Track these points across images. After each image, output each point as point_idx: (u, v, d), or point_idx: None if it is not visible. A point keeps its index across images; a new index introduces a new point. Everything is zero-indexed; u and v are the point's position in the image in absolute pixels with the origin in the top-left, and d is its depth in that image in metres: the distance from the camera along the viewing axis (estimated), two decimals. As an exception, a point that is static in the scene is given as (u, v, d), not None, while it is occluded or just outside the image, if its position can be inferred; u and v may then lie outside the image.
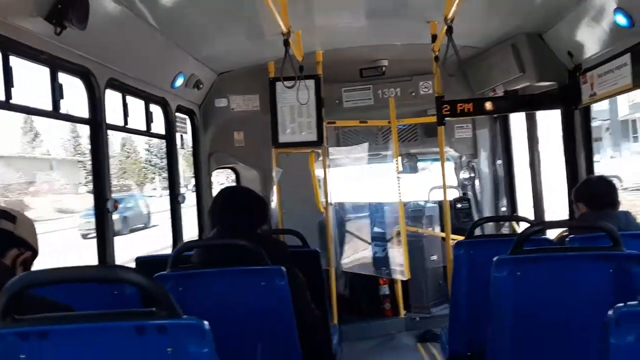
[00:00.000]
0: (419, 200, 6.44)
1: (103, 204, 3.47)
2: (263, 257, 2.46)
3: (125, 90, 3.83)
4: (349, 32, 4.62)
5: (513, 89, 4.73)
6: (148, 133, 4.24)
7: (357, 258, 5.95)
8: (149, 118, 4.17)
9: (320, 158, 5.30)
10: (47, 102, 3.10)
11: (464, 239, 3.36)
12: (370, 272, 5.82)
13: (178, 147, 4.67)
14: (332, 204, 5.40)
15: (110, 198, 3.49)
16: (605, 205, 3.32)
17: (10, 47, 2.64)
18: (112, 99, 3.69)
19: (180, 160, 5.38)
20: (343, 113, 5.60)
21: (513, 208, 5.70)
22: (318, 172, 5.46)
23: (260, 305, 2.47)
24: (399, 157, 5.73)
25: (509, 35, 4.48)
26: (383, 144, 6.22)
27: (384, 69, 5.45)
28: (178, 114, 4.70)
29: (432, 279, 5.80)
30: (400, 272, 5.51)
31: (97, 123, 3.46)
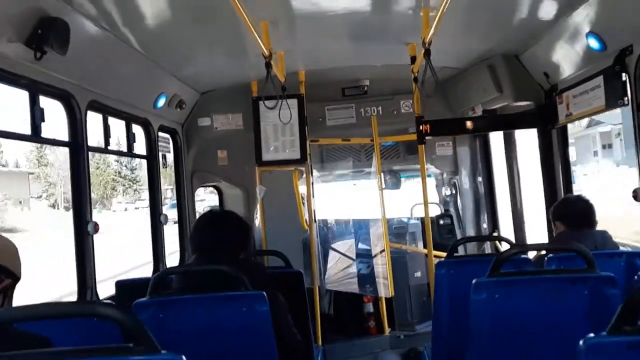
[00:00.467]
0: (402, 217, 6.48)
1: (83, 227, 3.45)
2: (244, 282, 2.46)
3: (107, 112, 3.83)
4: (331, 53, 4.68)
5: (491, 109, 4.81)
6: (130, 154, 4.23)
7: (341, 276, 5.95)
8: (131, 139, 4.16)
9: (304, 176, 5.32)
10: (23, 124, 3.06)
11: (445, 259, 3.39)
12: (355, 290, 5.82)
13: (160, 166, 4.66)
14: (316, 222, 5.41)
15: (91, 221, 3.47)
16: (583, 225, 3.39)
17: (-11, 72, 2.64)
18: (93, 120, 3.69)
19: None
20: (326, 131, 5.64)
21: (494, 224, 5.76)
22: (302, 189, 5.48)
23: (242, 331, 2.47)
24: (382, 173, 5.78)
25: (486, 56, 4.57)
26: (366, 161, 6.27)
27: (366, 89, 5.52)
28: (161, 134, 4.70)
29: (416, 296, 5.81)
30: (385, 289, 5.53)
31: (78, 146, 3.45)
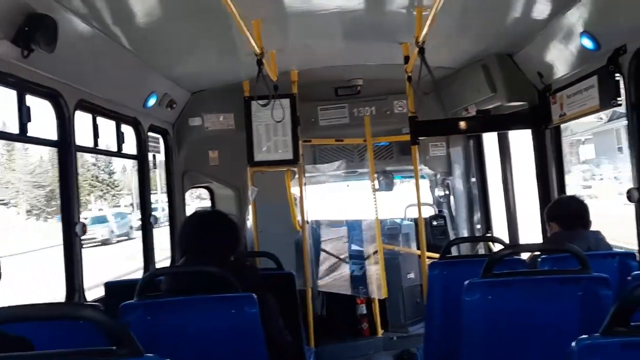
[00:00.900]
0: (396, 218, 6.45)
1: (71, 228, 3.39)
2: (233, 284, 2.42)
3: (96, 112, 3.77)
4: (324, 52, 4.64)
5: (485, 109, 4.79)
6: (119, 154, 4.18)
7: (334, 277, 5.92)
8: (121, 139, 4.11)
9: (297, 176, 5.28)
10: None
11: (438, 260, 3.36)
12: (348, 291, 5.79)
13: (150, 166, 4.61)
14: (308, 223, 5.37)
15: (79, 222, 3.42)
16: (577, 225, 3.37)
17: (-25, 71, 2.59)
18: (82, 120, 3.64)
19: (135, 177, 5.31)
20: (319, 131, 5.61)
21: (488, 225, 5.74)
22: (294, 190, 5.44)
23: (231, 333, 2.43)
24: (375, 174, 5.75)
25: (480, 57, 4.55)
26: (359, 162, 6.23)
27: (359, 88, 5.49)
28: (151, 134, 4.65)
29: (409, 297, 5.79)
30: (378, 291, 5.49)
31: (66, 145, 3.39)
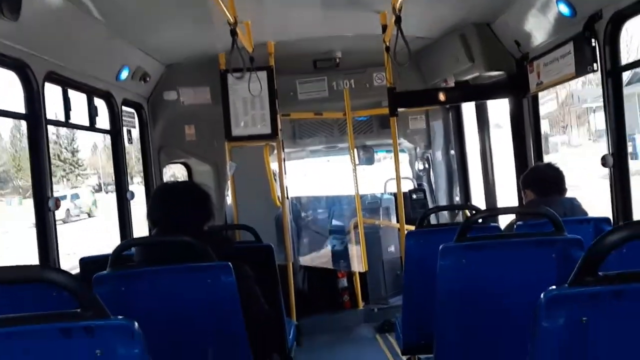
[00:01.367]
0: (376, 193, 6.46)
1: (44, 203, 3.33)
2: (208, 253, 2.38)
3: (66, 84, 3.68)
4: (301, 22, 4.56)
5: (464, 80, 4.77)
6: (92, 128, 4.09)
7: (315, 252, 5.93)
8: (93, 112, 4.02)
9: (276, 151, 5.24)
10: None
11: (415, 229, 3.37)
12: (329, 265, 5.81)
13: (125, 142, 4.52)
14: (288, 198, 5.35)
15: (52, 196, 3.35)
16: (553, 192, 3.38)
17: None
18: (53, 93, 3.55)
19: (103, 156, 5.22)
20: (298, 105, 5.55)
21: (467, 197, 5.78)
22: (273, 165, 5.40)
23: (207, 303, 2.40)
24: (355, 149, 5.73)
25: (458, 26, 4.51)
26: (339, 136, 6.20)
27: (338, 61, 5.41)
28: (125, 108, 4.55)
29: (389, 270, 5.83)
30: (358, 264, 5.52)
31: (35, 118, 3.30)
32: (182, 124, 5.30)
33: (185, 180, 5.21)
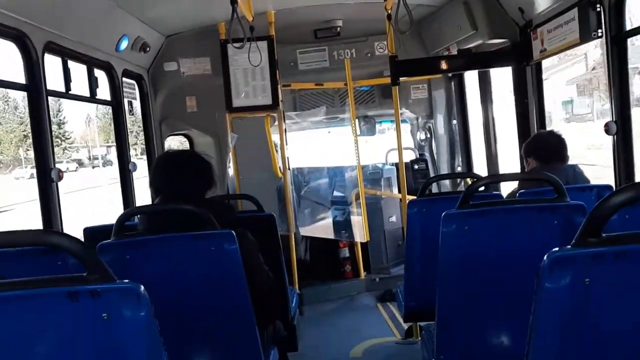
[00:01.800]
0: (377, 163, 6.46)
1: (47, 174, 3.33)
2: (211, 221, 2.39)
3: (66, 55, 3.65)
4: None
5: (467, 48, 4.71)
6: (93, 99, 4.07)
7: (317, 223, 5.96)
8: (93, 83, 3.99)
9: (277, 122, 5.21)
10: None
11: (417, 198, 3.37)
12: (331, 235, 5.84)
13: (126, 113, 4.50)
14: (289, 169, 5.35)
15: (55, 167, 3.35)
16: (555, 160, 3.38)
17: None
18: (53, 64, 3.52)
19: (95, 128, 5.18)
20: (298, 76, 5.50)
21: (469, 166, 5.77)
22: (275, 136, 5.38)
23: (211, 271, 2.42)
24: (356, 119, 5.71)
25: (461, -8, 4.45)
26: (340, 107, 6.17)
27: (339, 30, 5.35)
28: (125, 79, 4.52)
29: (391, 240, 5.87)
30: (360, 234, 5.55)
31: (36, 89, 3.29)
32: (183, 96, 5.27)
33: (187, 149, 5.21)
